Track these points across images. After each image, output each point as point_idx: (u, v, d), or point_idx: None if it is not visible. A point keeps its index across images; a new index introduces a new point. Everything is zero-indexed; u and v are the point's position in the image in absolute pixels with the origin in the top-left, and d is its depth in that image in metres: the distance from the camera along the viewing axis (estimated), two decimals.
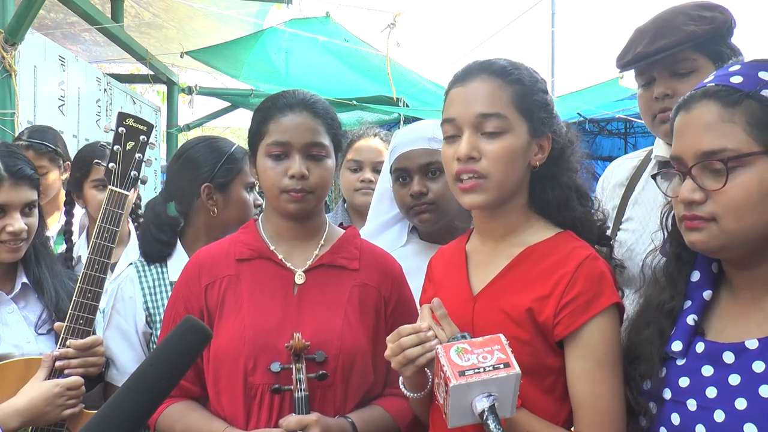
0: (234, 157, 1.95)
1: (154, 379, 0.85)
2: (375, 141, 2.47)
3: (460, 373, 1.08)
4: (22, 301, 1.77)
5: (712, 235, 1.09)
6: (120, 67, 8.94)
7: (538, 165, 1.32)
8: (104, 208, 1.70)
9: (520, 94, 1.30)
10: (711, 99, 1.11)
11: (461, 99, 1.32)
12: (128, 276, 1.90)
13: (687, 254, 1.21)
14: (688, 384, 1.14)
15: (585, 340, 1.22)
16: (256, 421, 1.42)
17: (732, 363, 1.10)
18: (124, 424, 0.82)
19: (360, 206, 2.42)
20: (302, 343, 1.40)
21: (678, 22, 1.65)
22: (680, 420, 1.13)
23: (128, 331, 1.84)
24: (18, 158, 1.70)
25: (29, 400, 1.56)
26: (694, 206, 1.10)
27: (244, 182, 1.95)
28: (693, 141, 1.11)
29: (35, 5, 3.54)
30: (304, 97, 1.52)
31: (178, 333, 0.89)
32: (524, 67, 1.35)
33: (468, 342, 1.12)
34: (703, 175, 1.10)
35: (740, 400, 1.06)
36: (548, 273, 1.26)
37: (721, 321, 1.17)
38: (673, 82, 1.66)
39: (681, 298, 1.21)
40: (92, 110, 5.14)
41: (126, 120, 1.72)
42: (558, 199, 1.34)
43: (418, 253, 1.84)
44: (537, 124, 1.31)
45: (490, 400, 1.07)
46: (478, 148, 1.27)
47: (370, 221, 2.00)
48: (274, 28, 5.89)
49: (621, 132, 9.42)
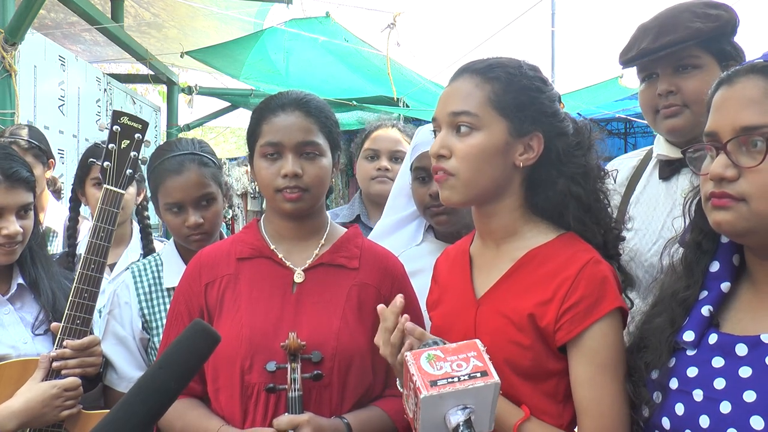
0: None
1: (163, 382, 0.86)
2: (392, 131, 2.46)
3: (431, 383, 0.96)
4: (18, 302, 1.76)
5: (740, 216, 1.04)
6: (120, 67, 8.95)
7: (522, 165, 1.28)
8: (99, 206, 1.69)
9: (498, 92, 1.27)
10: (758, 74, 1.06)
11: (444, 98, 1.33)
12: (124, 281, 1.90)
13: (708, 243, 1.18)
14: (696, 374, 1.11)
15: (587, 345, 1.21)
16: (252, 420, 1.42)
17: (745, 355, 1.07)
18: (135, 426, 0.83)
19: (376, 195, 2.40)
20: (297, 343, 1.39)
21: (683, 18, 1.64)
22: (684, 410, 1.10)
23: (125, 336, 1.84)
24: (14, 160, 1.69)
25: (26, 401, 1.55)
26: (725, 183, 1.05)
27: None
28: (732, 115, 1.06)
29: (35, 5, 3.54)
30: (297, 96, 1.53)
31: (188, 336, 0.89)
32: (513, 65, 1.31)
33: (441, 348, 1.01)
34: (739, 152, 1.05)
35: (749, 393, 1.03)
36: (550, 277, 1.25)
37: (738, 314, 1.13)
38: (676, 79, 1.66)
39: (697, 288, 1.17)
40: (92, 110, 5.14)
41: (120, 118, 1.71)
42: (553, 204, 1.31)
43: (432, 252, 1.83)
44: (520, 123, 1.27)
45: (465, 413, 0.96)
46: (449, 146, 1.28)
47: (386, 216, 1.99)
48: (274, 28, 5.89)
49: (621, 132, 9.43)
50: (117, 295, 1.88)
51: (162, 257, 1.94)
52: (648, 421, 1.17)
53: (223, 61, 6.25)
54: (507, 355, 1.24)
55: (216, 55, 6.13)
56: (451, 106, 1.29)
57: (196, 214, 1.85)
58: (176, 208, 1.86)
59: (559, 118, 1.32)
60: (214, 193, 1.88)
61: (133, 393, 0.85)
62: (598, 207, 1.33)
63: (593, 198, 1.32)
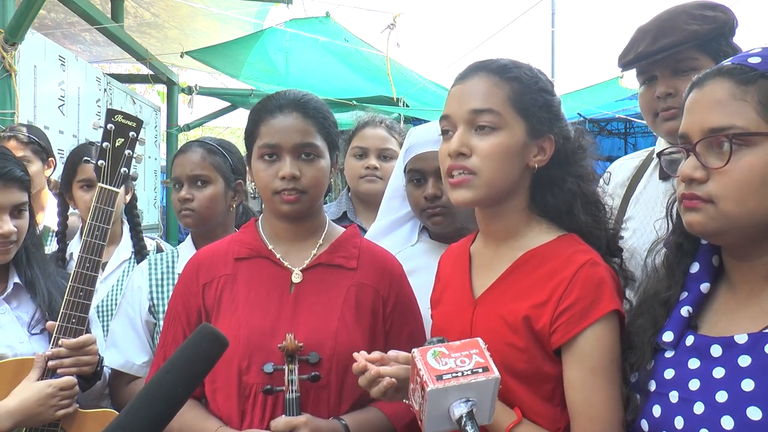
0: None
1: (171, 387, 0.85)
2: (380, 129, 2.46)
3: (437, 377, 1.03)
4: (14, 301, 1.75)
5: (709, 217, 1.05)
6: (120, 67, 8.96)
7: (536, 167, 1.29)
8: (94, 205, 1.69)
9: (517, 92, 1.27)
10: (725, 76, 1.07)
11: (457, 96, 1.31)
12: (140, 267, 2.03)
13: (688, 244, 1.19)
14: (673, 376, 1.12)
15: (581, 348, 1.20)
16: (250, 421, 1.42)
17: (719, 356, 1.07)
18: (142, 431, 0.82)
19: (364, 194, 2.40)
20: (295, 344, 1.39)
21: (680, 21, 1.65)
22: (661, 412, 1.11)
23: (134, 318, 1.93)
24: (7, 160, 1.68)
25: (21, 401, 1.55)
26: (695, 185, 1.06)
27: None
28: (701, 117, 1.07)
29: (35, 5, 3.54)
30: (295, 97, 1.52)
31: (195, 341, 0.88)
32: (526, 67, 1.32)
33: (445, 345, 1.08)
34: (708, 153, 1.06)
35: (721, 393, 1.04)
36: (546, 278, 1.24)
37: (716, 315, 1.14)
38: (675, 81, 1.66)
39: (678, 289, 1.18)
40: (92, 110, 5.14)
41: (115, 116, 1.71)
42: (560, 205, 1.31)
43: (427, 252, 1.83)
44: (536, 125, 1.28)
45: (468, 406, 1.03)
46: (469, 145, 1.26)
47: (380, 218, 1.99)
48: (274, 28, 5.89)
49: (621, 132, 9.44)
50: (132, 279, 2.00)
51: (179, 248, 2.06)
52: (630, 424, 1.17)
53: (223, 61, 6.25)
54: (502, 357, 1.23)
55: (216, 55, 6.13)
56: (471, 104, 1.27)
57: (190, 191, 2.00)
58: (178, 185, 2.04)
59: (565, 122, 1.34)
60: (208, 176, 2.00)
61: (141, 398, 0.84)
62: (600, 206, 1.34)
63: (595, 198, 1.34)
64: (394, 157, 2.38)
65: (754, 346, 1.04)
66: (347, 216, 2.43)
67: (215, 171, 2.01)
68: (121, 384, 1.91)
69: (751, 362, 1.03)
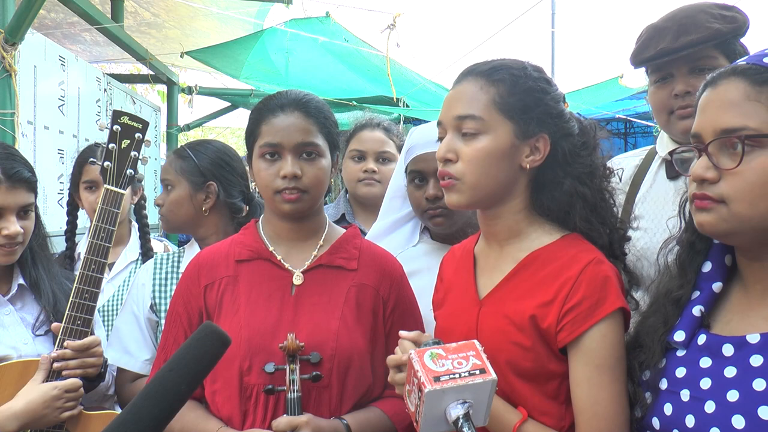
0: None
1: (173, 385, 0.85)
2: (378, 131, 2.46)
3: (434, 378, 1.03)
4: (19, 302, 1.76)
5: (721, 218, 1.04)
6: (120, 67, 8.94)
7: (529, 167, 1.29)
8: (100, 207, 1.69)
9: (503, 95, 1.27)
10: (739, 76, 1.06)
11: (447, 102, 1.33)
12: (146, 265, 2.05)
13: (701, 243, 1.18)
14: (684, 374, 1.12)
15: (587, 345, 1.21)
16: (252, 422, 1.42)
17: (731, 356, 1.08)
18: (144, 429, 0.82)
19: (362, 197, 2.40)
20: (296, 344, 1.39)
21: (701, 19, 1.64)
22: (672, 410, 1.11)
23: (138, 315, 1.95)
24: (16, 161, 1.68)
25: (27, 403, 1.56)
26: (706, 185, 1.06)
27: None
28: (714, 117, 1.06)
29: (35, 5, 3.53)
30: (296, 96, 1.52)
31: (198, 339, 0.88)
32: (518, 66, 1.31)
33: (442, 347, 1.09)
34: (720, 154, 1.05)
35: (732, 392, 1.04)
36: (552, 278, 1.25)
37: (728, 314, 1.14)
38: (692, 79, 1.66)
39: (690, 288, 1.18)
40: (92, 110, 5.13)
41: (121, 118, 1.71)
42: (559, 205, 1.30)
43: (428, 253, 1.84)
44: (525, 125, 1.27)
45: (464, 407, 1.03)
46: (456, 150, 1.28)
47: (381, 218, 2.00)
48: (274, 28, 5.88)
49: (621, 132, 9.44)
50: (137, 276, 2.03)
51: (185, 248, 2.07)
52: (640, 421, 1.18)
53: (223, 61, 6.24)
54: (508, 357, 1.24)
55: (216, 55, 6.12)
56: (456, 110, 1.29)
57: (161, 196, 2.08)
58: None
59: (565, 119, 1.32)
60: (172, 180, 2.05)
61: (143, 395, 0.84)
62: (604, 206, 1.33)
63: (599, 197, 1.32)
64: (393, 159, 2.38)
65: (766, 346, 1.04)
66: (345, 218, 2.43)
67: (178, 175, 2.04)
68: (124, 381, 1.92)
69: (763, 362, 1.03)
